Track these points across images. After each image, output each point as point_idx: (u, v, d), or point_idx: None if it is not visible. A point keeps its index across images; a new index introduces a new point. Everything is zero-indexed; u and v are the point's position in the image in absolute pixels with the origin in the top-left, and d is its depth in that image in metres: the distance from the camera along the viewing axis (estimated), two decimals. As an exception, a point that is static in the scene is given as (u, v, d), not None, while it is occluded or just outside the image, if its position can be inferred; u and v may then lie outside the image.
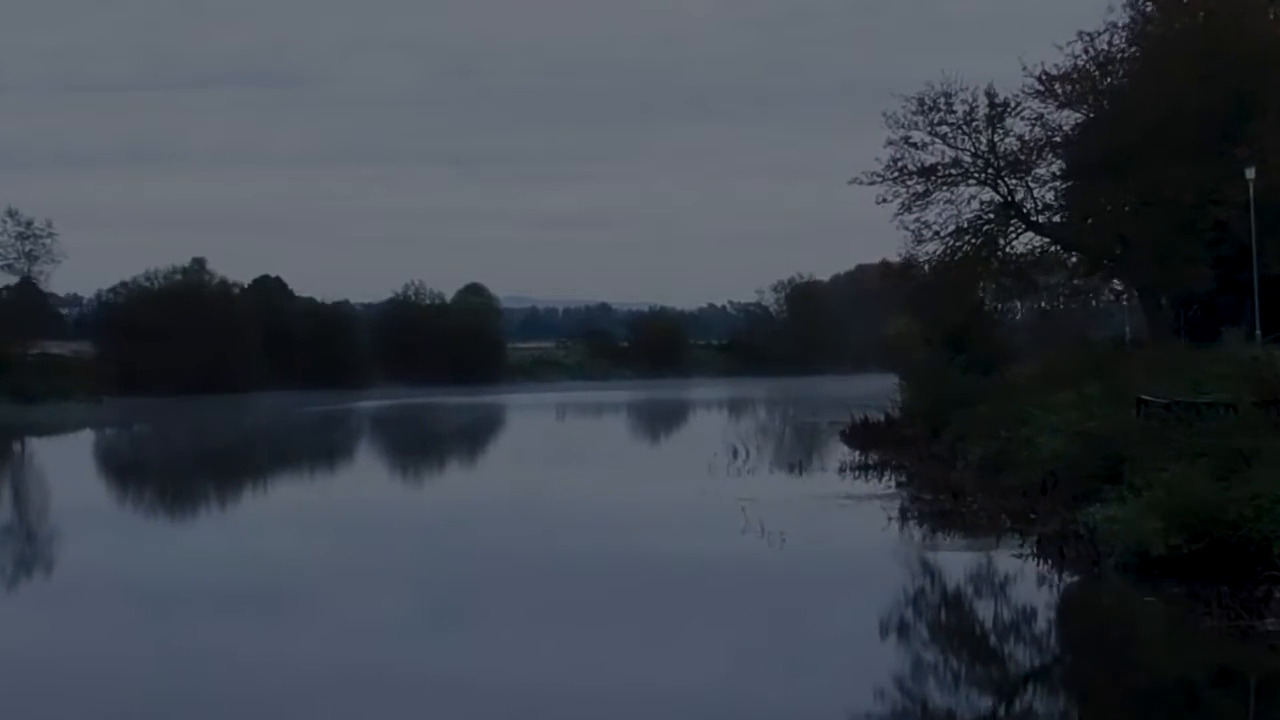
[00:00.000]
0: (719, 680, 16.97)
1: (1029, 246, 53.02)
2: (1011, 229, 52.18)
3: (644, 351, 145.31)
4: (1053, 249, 53.17)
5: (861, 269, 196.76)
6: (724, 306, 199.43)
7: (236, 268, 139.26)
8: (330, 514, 36.62)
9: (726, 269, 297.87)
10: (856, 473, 43.65)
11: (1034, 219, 51.96)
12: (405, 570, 26.81)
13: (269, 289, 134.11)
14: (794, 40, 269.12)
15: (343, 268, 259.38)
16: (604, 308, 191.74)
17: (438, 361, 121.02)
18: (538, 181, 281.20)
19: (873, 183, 51.78)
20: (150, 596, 23.74)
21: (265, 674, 17.77)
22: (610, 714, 16.01)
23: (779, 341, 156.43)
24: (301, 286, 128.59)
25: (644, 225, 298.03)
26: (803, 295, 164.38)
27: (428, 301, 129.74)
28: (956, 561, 26.24)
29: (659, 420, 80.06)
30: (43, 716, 15.87)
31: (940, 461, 45.04)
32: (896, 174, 51.38)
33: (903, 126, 51.29)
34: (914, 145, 51.32)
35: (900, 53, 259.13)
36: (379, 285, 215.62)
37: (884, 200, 51.91)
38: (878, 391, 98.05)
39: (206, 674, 17.52)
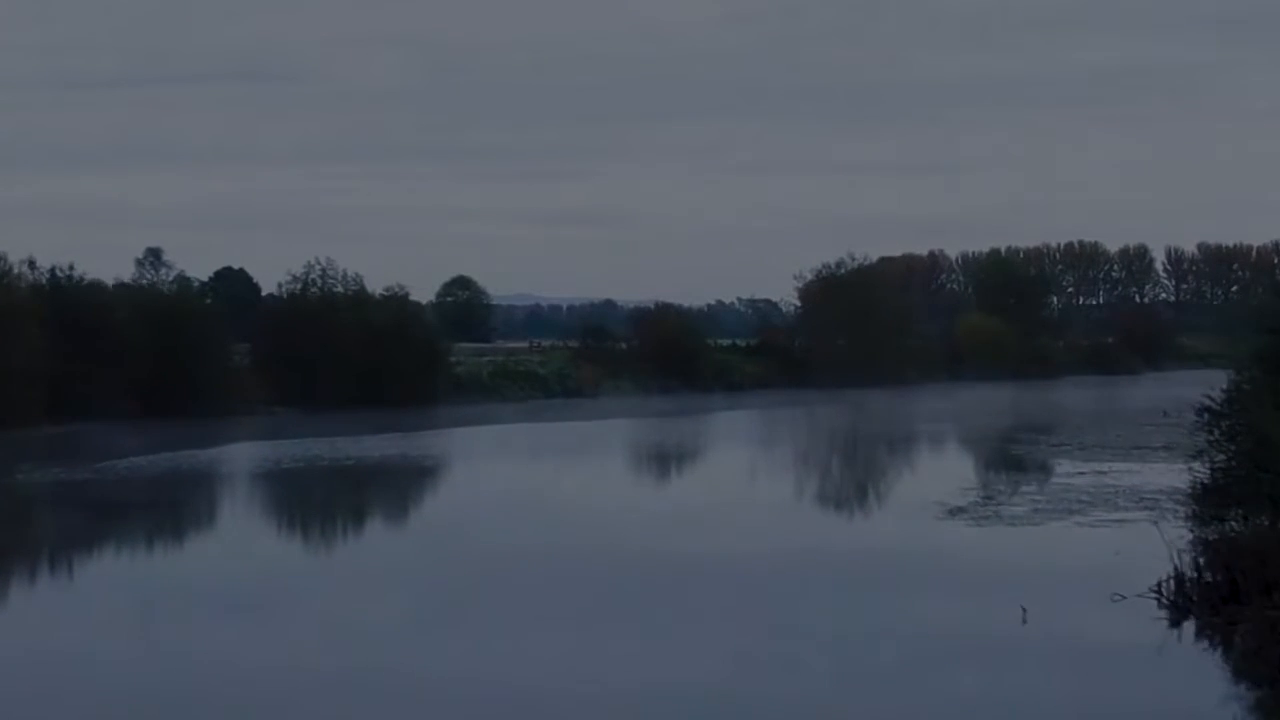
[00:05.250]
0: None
1: None
2: None
3: (649, 356, 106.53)
4: None
5: (886, 262, 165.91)
6: (733, 303, 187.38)
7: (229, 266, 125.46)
8: None
9: (731, 266, 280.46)
10: None
11: None
12: None
13: (233, 282, 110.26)
14: (789, 36, 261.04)
15: (344, 266, 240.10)
16: (609, 304, 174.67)
17: (347, 376, 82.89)
18: (538, 178, 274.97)
19: None
20: None
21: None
22: None
23: (823, 343, 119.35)
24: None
25: (646, 222, 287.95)
26: (855, 284, 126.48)
27: (339, 289, 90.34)
28: None
29: (671, 533, 35.22)
30: None
31: None
32: None
33: None
34: None
35: (895, 47, 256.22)
36: (377, 284, 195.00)
37: None
38: (1008, 415, 61.72)
39: None
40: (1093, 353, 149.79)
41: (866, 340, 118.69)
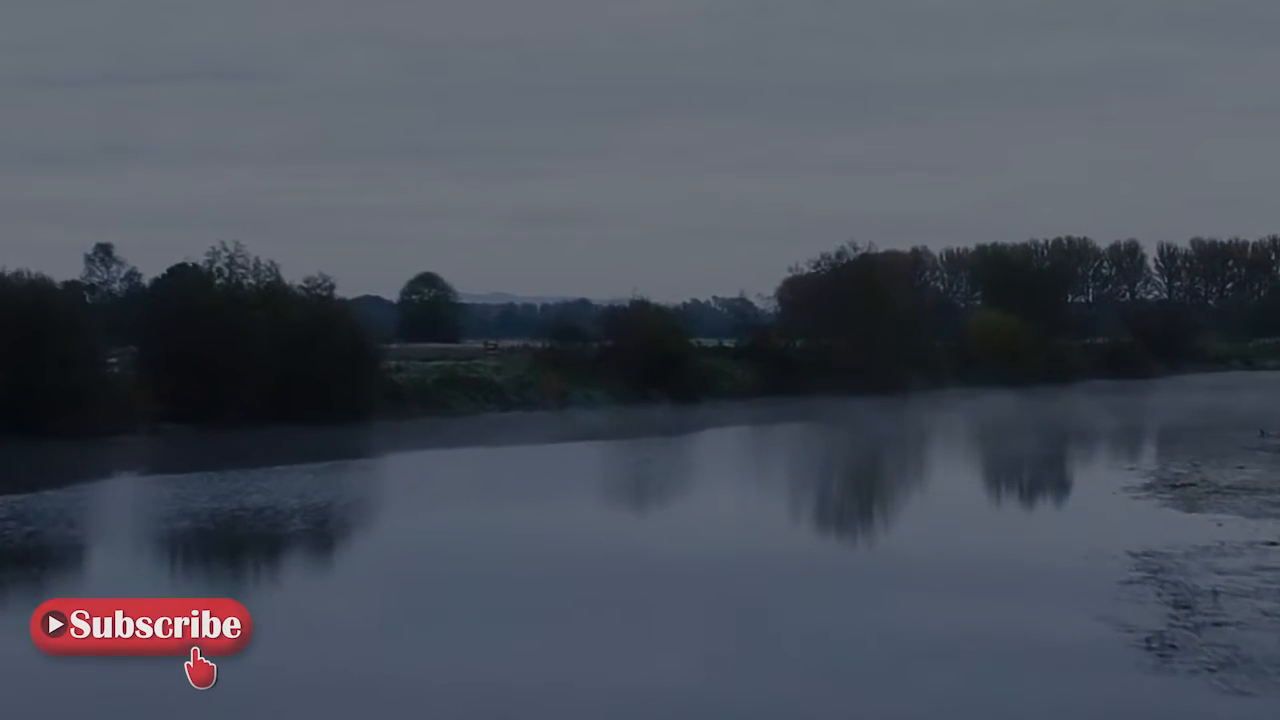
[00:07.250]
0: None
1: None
2: None
3: (625, 359, 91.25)
4: None
5: (866, 259, 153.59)
6: (708, 302, 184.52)
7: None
8: None
9: (706, 265, 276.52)
10: None
11: None
12: None
13: (186, 278, 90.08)
14: (764, 34, 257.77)
15: (318, 265, 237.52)
16: (583, 303, 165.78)
17: (256, 385, 67.55)
18: (513, 177, 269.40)
19: None
20: None
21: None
22: None
23: (820, 345, 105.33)
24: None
25: (621, 220, 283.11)
26: (858, 278, 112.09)
27: (250, 281, 74.43)
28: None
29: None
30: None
31: None
32: None
33: None
34: None
35: (872, 46, 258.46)
36: (351, 285, 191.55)
37: None
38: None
39: None
40: (1109, 354, 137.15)
41: (868, 341, 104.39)
